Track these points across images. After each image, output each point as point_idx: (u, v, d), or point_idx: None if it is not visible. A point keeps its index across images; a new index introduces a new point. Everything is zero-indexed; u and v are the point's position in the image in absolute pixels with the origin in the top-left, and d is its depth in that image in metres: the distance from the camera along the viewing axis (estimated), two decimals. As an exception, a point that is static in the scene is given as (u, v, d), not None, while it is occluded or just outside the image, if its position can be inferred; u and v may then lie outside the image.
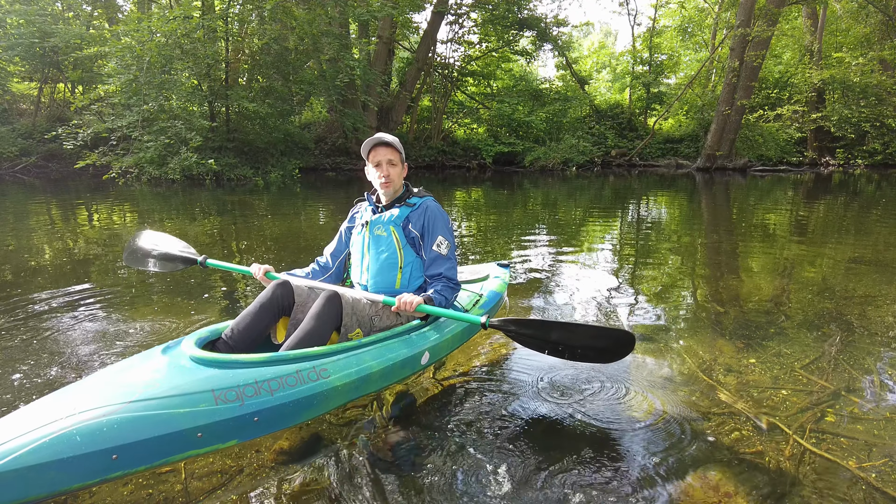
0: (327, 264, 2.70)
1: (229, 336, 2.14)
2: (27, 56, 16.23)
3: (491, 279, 3.35)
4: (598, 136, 23.30)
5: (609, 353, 2.21)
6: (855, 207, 9.63)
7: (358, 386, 2.04)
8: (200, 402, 1.66)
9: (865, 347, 2.94)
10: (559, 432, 2.08)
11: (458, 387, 2.49)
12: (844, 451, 1.94)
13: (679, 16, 26.47)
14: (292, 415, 1.85)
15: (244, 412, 1.71)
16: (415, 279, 2.50)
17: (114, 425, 1.50)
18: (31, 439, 1.40)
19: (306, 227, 7.40)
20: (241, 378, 1.76)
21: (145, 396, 1.60)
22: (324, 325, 2.16)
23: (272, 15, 14.65)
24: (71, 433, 1.44)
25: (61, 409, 1.52)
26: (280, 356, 1.91)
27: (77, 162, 13.99)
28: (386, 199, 2.55)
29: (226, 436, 1.70)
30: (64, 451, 1.41)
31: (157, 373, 1.73)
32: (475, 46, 24.12)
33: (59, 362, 2.66)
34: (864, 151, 21.47)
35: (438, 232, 2.47)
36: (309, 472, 1.84)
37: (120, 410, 1.54)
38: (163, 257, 2.92)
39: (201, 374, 1.75)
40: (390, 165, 2.46)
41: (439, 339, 2.43)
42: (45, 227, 7.04)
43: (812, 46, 22.65)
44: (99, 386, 1.65)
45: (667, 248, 6.01)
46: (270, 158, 15.82)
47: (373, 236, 2.49)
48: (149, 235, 3.04)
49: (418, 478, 1.79)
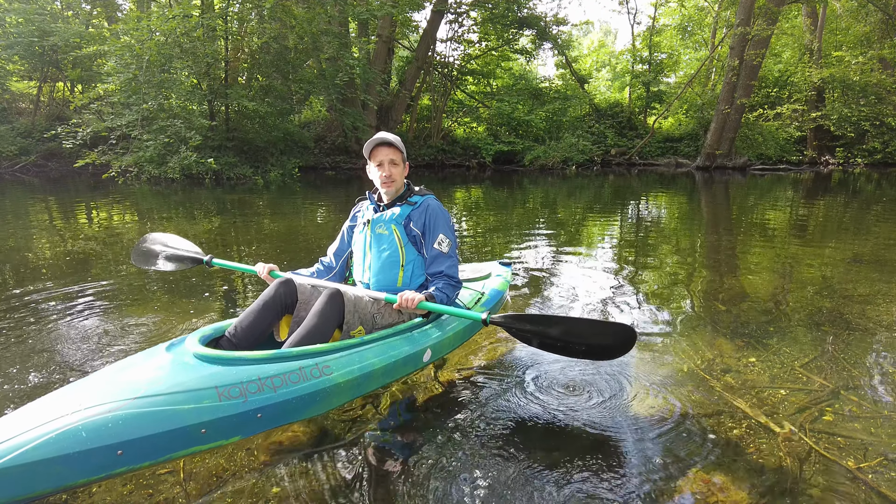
0: (331, 264, 2.73)
1: (233, 334, 2.16)
2: (26, 55, 16.22)
3: (493, 277, 3.36)
4: (598, 135, 23.30)
5: (611, 349, 2.20)
6: (854, 206, 9.63)
7: (360, 383, 2.05)
8: (204, 399, 1.67)
9: (865, 346, 2.94)
10: (558, 431, 2.09)
11: (458, 385, 2.50)
12: (843, 449, 1.95)
13: (679, 14, 26.48)
14: (295, 411, 1.86)
15: (247, 409, 1.73)
16: (416, 277, 2.52)
17: (119, 421, 1.51)
18: (37, 435, 1.40)
19: (306, 226, 7.40)
20: (245, 375, 1.78)
21: (150, 393, 1.61)
22: (326, 323, 2.17)
23: (271, 14, 14.64)
24: (76, 429, 1.45)
25: (67, 405, 1.53)
26: (283, 353, 1.92)
27: (76, 161, 13.98)
28: (388, 198, 2.56)
29: (229, 432, 1.71)
30: (70, 447, 1.42)
31: (161, 370, 1.74)
32: (475, 45, 24.10)
33: (58, 361, 2.66)
34: (863, 150, 21.47)
35: (439, 230, 2.49)
36: (308, 471, 1.84)
37: (125, 407, 1.55)
38: (170, 257, 2.97)
39: (205, 370, 1.76)
40: (392, 165, 2.47)
41: (441, 336, 2.43)
42: (44, 225, 7.04)
43: (812, 45, 22.65)
44: (104, 383, 1.66)
45: (666, 247, 6.01)
46: (270, 157, 15.82)
47: (374, 235, 2.50)
48: (156, 236, 3.09)
49: (418, 476, 1.80)
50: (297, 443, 2.01)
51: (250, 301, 3.85)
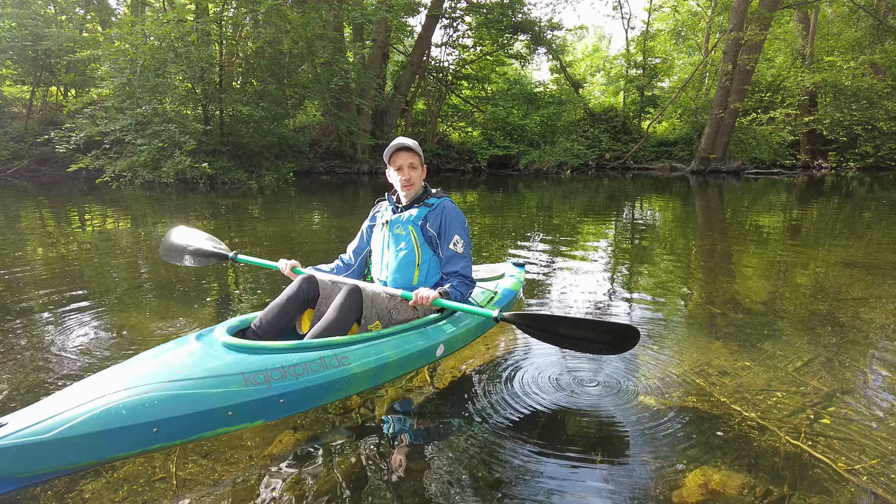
0: (350, 261, 2.86)
1: (258, 326, 2.28)
2: (19, 59, 16.16)
3: (506, 278, 3.49)
4: (593, 139, 23.41)
5: (615, 345, 2.26)
6: (847, 210, 9.69)
7: (376, 374, 2.16)
8: (231, 384, 1.79)
9: (858, 349, 2.95)
10: (556, 431, 2.08)
11: (467, 380, 2.57)
12: (837, 452, 1.94)
13: (672, 20, 26.67)
14: (315, 398, 1.99)
15: (271, 394, 1.84)
16: (432, 276, 2.62)
17: (154, 401, 1.64)
18: (83, 411, 1.54)
19: (301, 230, 7.38)
20: (269, 363, 1.90)
21: (182, 377, 1.74)
22: (345, 317, 2.29)
23: (266, 18, 14.65)
24: (118, 407, 1.59)
25: (108, 385, 1.66)
26: (305, 344, 2.05)
27: (70, 165, 13.91)
28: (406, 200, 2.66)
29: (254, 415, 1.83)
30: (112, 423, 1.55)
31: (191, 356, 1.86)
32: (469, 50, 24.19)
33: (58, 362, 2.64)
34: (855, 154, 21.65)
35: (454, 231, 2.60)
36: (306, 471, 1.82)
37: (160, 388, 1.67)
38: (197, 253, 3.06)
39: (232, 358, 1.88)
40: (411, 169, 2.58)
41: (454, 332, 2.53)
42: (37, 230, 6.99)
43: (804, 50, 22.86)
44: (140, 366, 1.79)
45: (661, 251, 6.02)
46: (265, 161, 15.79)
47: (392, 235, 2.62)
48: (182, 232, 3.18)
49: (421, 471, 1.78)
50: (291, 446, 1.99)
51: (246, 301, 3.84)
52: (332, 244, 6.17)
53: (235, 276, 4.65)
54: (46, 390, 2.36)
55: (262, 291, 4.15)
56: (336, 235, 6.89)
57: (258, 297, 3.99)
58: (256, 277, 4.53)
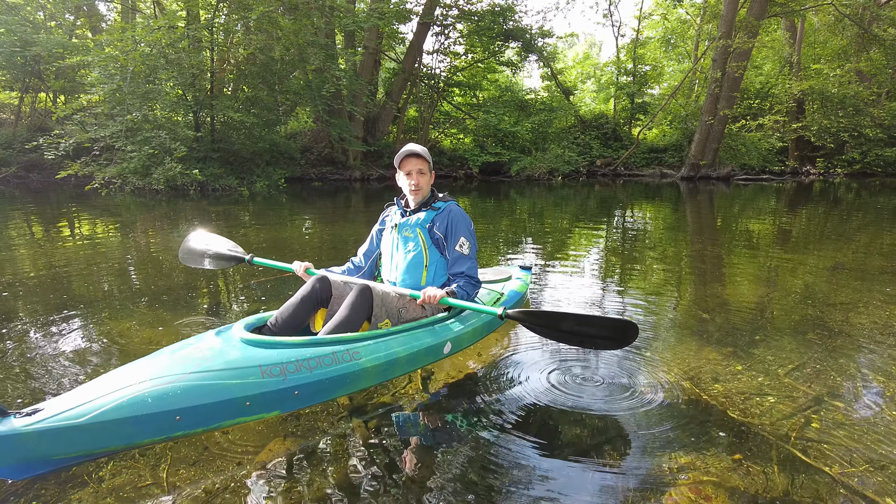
0: (360, 263, 2.98)
1: (273, 323, 2.39)
2: (8, 65, 16.02)
3: (513, 280, 3.65)
4: (584, 146, 23.50)
5: (615, 340, 2.33)
6: (835, 215, 9.79)
7: (386, 369, 2.27)
8: (249, 376, 1.89)
9: (848, 353, 2.97)
10: (551, 434, 2.08)
11: (472, 377, 2.63)
12: (828, 456, 1.95)
13: (662, 27, 26.96)
14: (328, 390, 2.09)
15: (286, 386, 1.95)
16: (439, 277, 2.73)
17: (177, 391, 1.73)
18: (112, 399, 1.64)
19: (291, 237, 7.34)
20: (285, 356, 2.01)
21: (203, 369, 1.84)
22: (356, 315, 2.40)
23: (258, 25, 14.63)
24: (143, 395, 1.68)
25: (135, 376, 1.76)
26: (318, 339, 2.16)
27: (59, 172, 13.78)
28: (414, 204, 2.79)
29: (270, 406, 1.93)
30: (138, 410, 1.65)
31: (212, 350, 1.97)
32: (461, 57, 24.28)
33: (60, 364, 2.60)
34: (843, 160, 21.90)
35: (461, 234, 2.72)
36: (308, 470, 1.80)
37: (182, 379, 1.77)
38: (215, 256, 3.21)
39: (250, 352, 1.99)
40: (420, 174, 2.72)
41: (461, 330, 2.64)
42: (24, 237, 6.91)
43: (791, 58, 23.15)
44: (163, 359, 1.89)
45: (652, 256, 6.05)
46: (256, 168, 15.72)
47: (401, 237, 2.75)
48: (201, 236, 3.31)
49: (418, 470, 1.77)
50: (290, 446, 1.97)
51: (242, 299, 3.81)
52: (323, 250, 6.15)
53: (225, 282, 4.62)
54: (42, 398, 2.32)
55: (256, 298, 4.12)
56: (328, 242, 6.86)
57: (253, 304, 3.96)
58: (247, 283, 4.50)
